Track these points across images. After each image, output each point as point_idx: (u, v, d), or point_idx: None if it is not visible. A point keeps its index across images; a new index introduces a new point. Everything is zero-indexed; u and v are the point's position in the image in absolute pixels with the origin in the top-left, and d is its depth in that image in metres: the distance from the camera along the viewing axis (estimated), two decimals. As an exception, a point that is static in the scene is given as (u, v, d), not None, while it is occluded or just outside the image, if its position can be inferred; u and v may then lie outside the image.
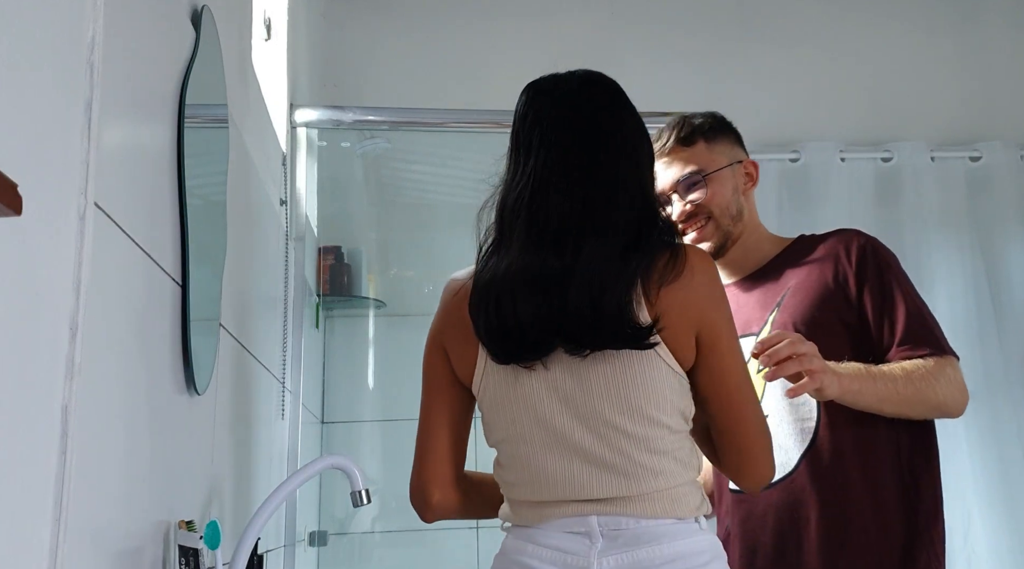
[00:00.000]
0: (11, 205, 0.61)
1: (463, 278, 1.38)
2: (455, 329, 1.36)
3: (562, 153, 1.31)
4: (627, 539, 1.24)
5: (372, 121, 2.86)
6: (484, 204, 1.38)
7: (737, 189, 1.74)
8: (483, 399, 1.35)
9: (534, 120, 1.36)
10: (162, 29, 1.20)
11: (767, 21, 3.47)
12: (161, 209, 1.17)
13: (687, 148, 1.73)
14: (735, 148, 1.78)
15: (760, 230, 1.79)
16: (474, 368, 1.34)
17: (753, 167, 1.79)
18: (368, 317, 3.15)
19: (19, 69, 0.74)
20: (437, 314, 1.41)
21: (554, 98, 1.38)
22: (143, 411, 1.10)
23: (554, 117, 1.34)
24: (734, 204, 1.72)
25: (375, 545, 3.04)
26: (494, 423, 1.34)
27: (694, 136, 1.74)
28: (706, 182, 1.70)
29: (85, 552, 0.90)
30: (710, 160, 1.72)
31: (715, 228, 1.71)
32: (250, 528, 1.37)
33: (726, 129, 1.80)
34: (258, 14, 2.09)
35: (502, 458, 1.36)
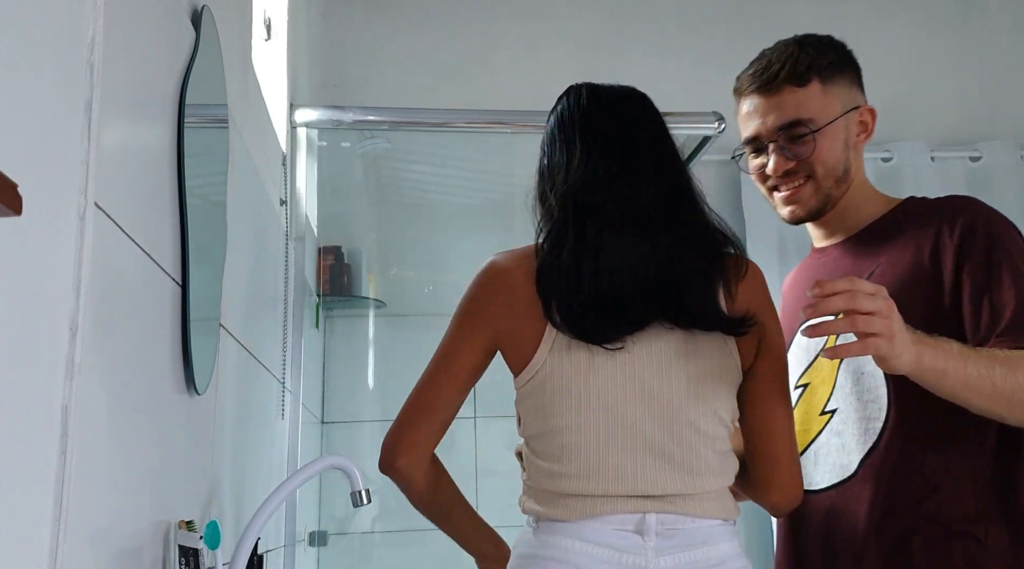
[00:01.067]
0: (11, 205, 0.61)
1: (510, 260, 1.35)
2: (516, 308, 1.30)
3: (634, 144, 1.34)
4: (682, 538, 1.24)
5: (372, 121, 2.86)
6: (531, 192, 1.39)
7: (848, 143, 1.44)
8: (541, 383, 1.28)
9: (599, 110, 1.37)
10: (162, 29, 1.20)
11: (767, 21, 3.46)
12: (161, 209, 1.16)
13: (798, 88, 1.42)
14: (853, 90, 1.47)
15: (865, 188, 1.50)
16: (535, 350, 1.28)
17: (870, 115, 1.48)
18: (368, 317, 3.15)
19: (19, 69, 0.74)
20: (485, 295, 1.34)
21: (614, 96, 1.41)
22: (143, 411, 1.10)
23: (621, 110, 1.38)
24: (842, 163, 1.44)
25: (375, 545, 3.04)
26: (553, 408, 1.27)
27: (809, 74, 1.42)
28: (815, 136, 1.41)
29: (85, 552, 0.90)
30: (823, 107, 1.42)
31: (814, 190, 1.44)
32: (250, 528, 1.37)
33: (847, 64, 1.48)
34: (258, 14, 2.09)
35: (550, 447, 1.28)
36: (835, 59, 1.46)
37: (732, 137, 3.07)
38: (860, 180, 1.48)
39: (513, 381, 1.34)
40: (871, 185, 1.52)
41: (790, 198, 1.46)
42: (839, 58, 1.47)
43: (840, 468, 1.37)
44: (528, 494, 1.32)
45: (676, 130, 2.78)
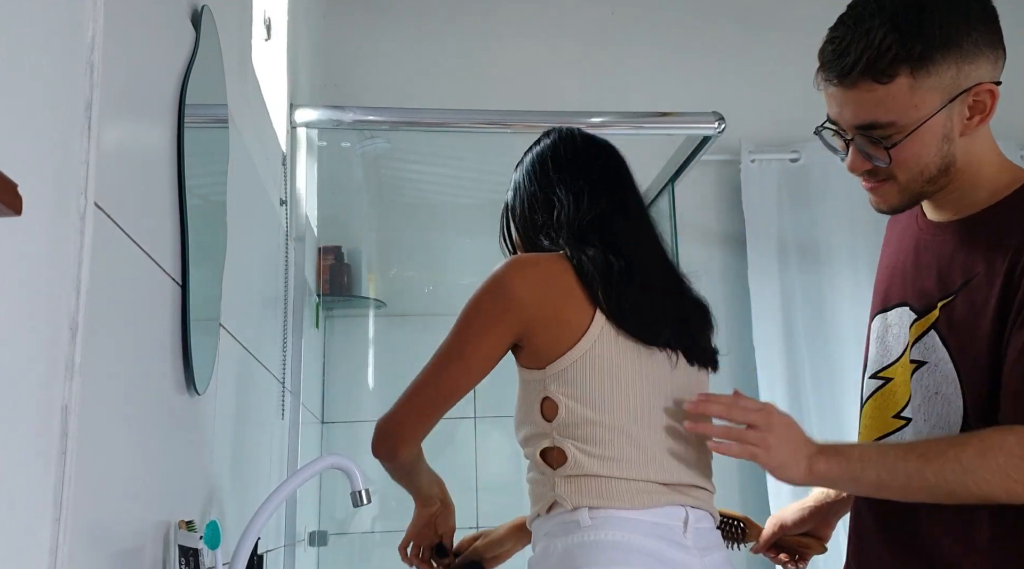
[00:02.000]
0: (11, 205, 0.61)
1: (537, 256, 1.40)
2: (551, 295, 1.34)
3: (635, 194, 1.50)
4: (707, 534, 1.33)
5: (372, 121, 2.86)
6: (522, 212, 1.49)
7: (950, 137, 1.19)
8: (592, 364, 1.31)
9: (598, 155, 1.50)
10: (162, 29, 1.20)
11: (767, 21, 3.47)
12: (161, 209, 1.17)
13: (879, 85, 1.16)
14: (966, 67, 1.17)
15: (984, 168, 1.24)
16: (580, 335, 1.31)
17: (989, 96, 1.19)
18: (368, 317, 3.15)
19: (19, 69, 0.74)
20: (514, 283, 1.35)
21: (609, 147, 1.53)
22: (143, 411, 1.10)
23: (618, 161, 1.51)
24: (937, 162, 1.20)
25: (375, 545, 3.04)
26: (604, 390, 1.30)
27: (896, 67, 1.15)
28: (897, 141, 1.18)
29: (85, 552, 0.90)
30: (911, 106, 1.16)
31: (897, 190, 1.24)
32: (250, 528, 1.37)
33: (962, 35, 1.15)
34: (258, 14, 2.09)
35: (596, 431, 1.30)
36: (939, 39, 1.14)
37: (732, 137, 3.08)
38: (978, 160, 1.23)
39: (533, 372, 1.34)
40: (998, 160, 1.26)
41: (872, 191, 1.27)
42: (946, 33, 1.15)
43: None
44: (568, 484, 1.30)
45: (676, 130, 2.81)
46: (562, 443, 1.31)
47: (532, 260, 1.39)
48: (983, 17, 1.19)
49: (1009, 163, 1.28)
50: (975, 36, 1.17)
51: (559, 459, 1.31)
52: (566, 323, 1.33)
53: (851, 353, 3.10)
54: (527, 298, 1.34)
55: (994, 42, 1.20)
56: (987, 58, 1.19)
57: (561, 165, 1.47)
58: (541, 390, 1.33)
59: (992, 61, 1.20)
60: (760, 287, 3.19)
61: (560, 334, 1.32)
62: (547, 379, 1.32)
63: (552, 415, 1.32)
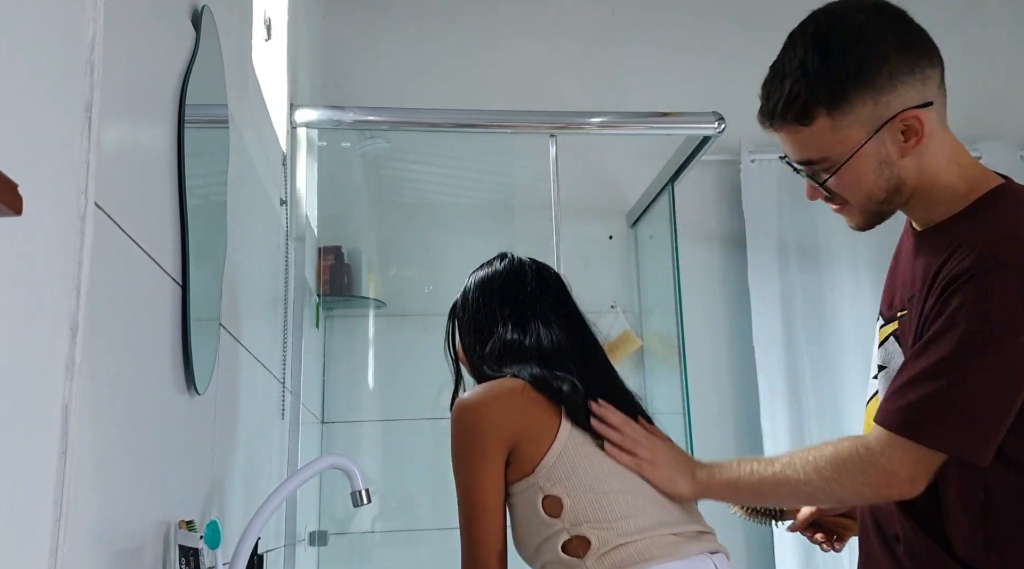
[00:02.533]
0: (11, 205, 0.61)
1: (485, 387, 1.46)
2: (520, 410, 1.41)
3: (579, 319, 1.60)
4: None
5: (372, 121, 2.86)
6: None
7: (888, 160, 1.22)
8: (579, 454, 1.39)
9: (547, 285, 1.60)
10: (162, 29, 1.20)
11: (767, 21, 3.46)
12: (161, 209, 1.17)
13: (802, 127, 1.22)
14: (884, 99, 1.19)
15: (940, 180, 1.25)
16: (554, 436, 1.39)
17: (916, 120, 1.20)
18: (368, 317, 3.15)
19: (19, 69, 0.74)
20: (485, 414, 1.42)
21: (552, 276, 1.64)
22: (143, 411, 1.10)
23: (560, 289, 1.62)
24: (882, 184, 1.23)
25: (375, 545, 3.04)
26: (602, 471, 1.38)
27: (813, 109, 1.20)
28: (836, 172, 1.24)
29: (85, 552, 0.90)
30: (836, 142, 1.21)
31: (857, 213, 1.29)
32: (250, 528, 1.37)
33: (871, 69, 1.19)
34: (258, 14, 2.09)
35: (605, 501, 1.36)
36: (849, 78, 1.19)
37: (732, 137, 3.08)
38: (934, 173, 1.24)
39: (522, 482, 1.38)
40: (957, 170, 1.26)
41: (839, 213, 1.32)
42: (856, 72, 1.19)
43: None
44: (603, 562, 1.32)
45: (676, 130, 2.81)
46: (579, 531, 1.34)
47: (484, 392, 1.45)
48: (897, 47, 1.21)
49: (968, 166, 1.28)
50: (889, 68, 1.20)
51: (584, 546, 1.34)
52: (542, 427, 1.40)
53: (851, 353, 3.10)
54: (500, 422, 1.40)
55: (914, 67, 1.22)
56: (908, 84, 1.21)
57: (508, 297, 1.56)
58: (537, 493, 1.37)
59: (917, 85, 1.22)
60: (760, 287, 3.19)
61: (539, 438, 1.39)
62: (539, 481, 1.37)
63: (557, 510, 1.36)
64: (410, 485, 3.07)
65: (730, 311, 3.26)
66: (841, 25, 1.23)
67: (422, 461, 3.08)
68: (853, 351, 3.10)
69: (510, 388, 1.43)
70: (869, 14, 1.23)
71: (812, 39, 1.23)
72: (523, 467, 1.38)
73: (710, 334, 3.25)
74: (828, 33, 1.22)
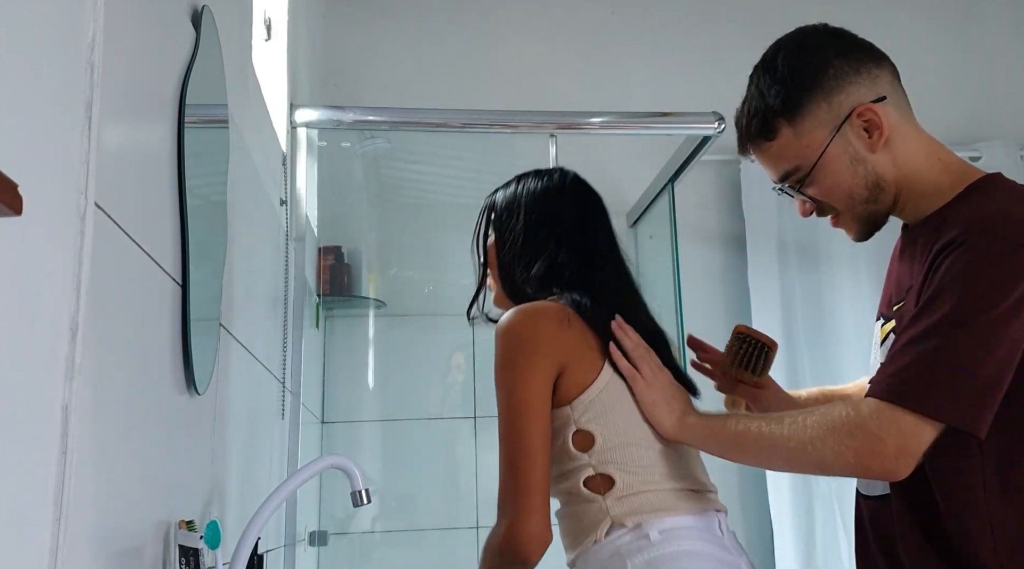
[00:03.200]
0: (11, 205, 0.61)
1: (537, 304, 1.40)
2: (570, 335, 1.37)
3: (613, 238, 1.56)
4: (734, 536, 1.39)
5: (372, 121, 2.86)
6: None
7: (857, 157, 1.28)
8: (620, 391, 1.37)
9: (593, 202, 1.56)
10: (162, 29, 1.20)
11: (767, 21, 3.46)
12: (161, 209, 1.17)
13: (770, 142, 1.32)
14: (835, 99, 1.28)
15: (921, 174, 1.29)
16: (598, 370, 1.37)
17: (871, 112, 1.27)
18: (368, 317, 3.15)
19: (19, 69, 0.74)
20: (538, 330, 1.36)
21: (596, 196, 1.59)
22: (143, 411, 1.10)
23: (603, 210, 1.58)
24: (862, 180, 1.29)
25: (375, 545, 3.04)
26: (618, 418, 1.36)
27: (774, 123, 1.31)
28: (811, 178, 1.30)
29: (85, 552, 0.90)
30: (803, 147, 1.29)
31: (850, 219, 1.34)
32: (250, 528, 1.37)
33: (809, 77, 1.29)
34: (258, 14, 2.09)
35: (632, 451, 1.34)
36: (797, 87, 1.28)
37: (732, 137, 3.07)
38: (913, 167, 1.29)
39: (558, 411, 1.35)
40: (936, 163, 1.29)
41: (836, 227, 1.37)
42: (802, 81, 1.28)
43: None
44: (624, 504, 1.31)
45: (676, 130, 2.81)
46: (605, 469, 1.33)
47: (539, 309, 1.40)
48: (838, 53, 1.31)
49: (950, 162, 1.31)
50: (833, 71, 1.29)
51: (606, 484, 1.33)
52: (589, 360, 1.37)
53: (851, 353, 3.10)
54: (552, 341, 1.36)
55: (859, 67, 1.30)
56: (856, 83, 1.29)
57: (567, 219, 1.50)
58: (570, 424, 1.35)
59: (865, 82, 1.29)
60: (760, 287, 3.19)
61: (587, 369, 1.36)
62: (575, 413, 1.35)
63: (587, 445, 1.35)
64: (410, 485, 3.07)
65: (730, 311, 3.26)
66: (784, 47, 1.35)
67: (422, 461, 3.08)
68: (853, 351, 3.10)
69: (564, 313, 1.38)
70: (808, 33, 1.36)
71: (762, 66, 1.35)
72: (565, 394, 1.35)
73: (710, 334, 3.23)
74: (774, 56, 1.35)
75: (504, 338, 1.36)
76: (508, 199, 1.53)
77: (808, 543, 2.97)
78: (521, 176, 1.57)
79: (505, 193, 1.55)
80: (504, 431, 1.32)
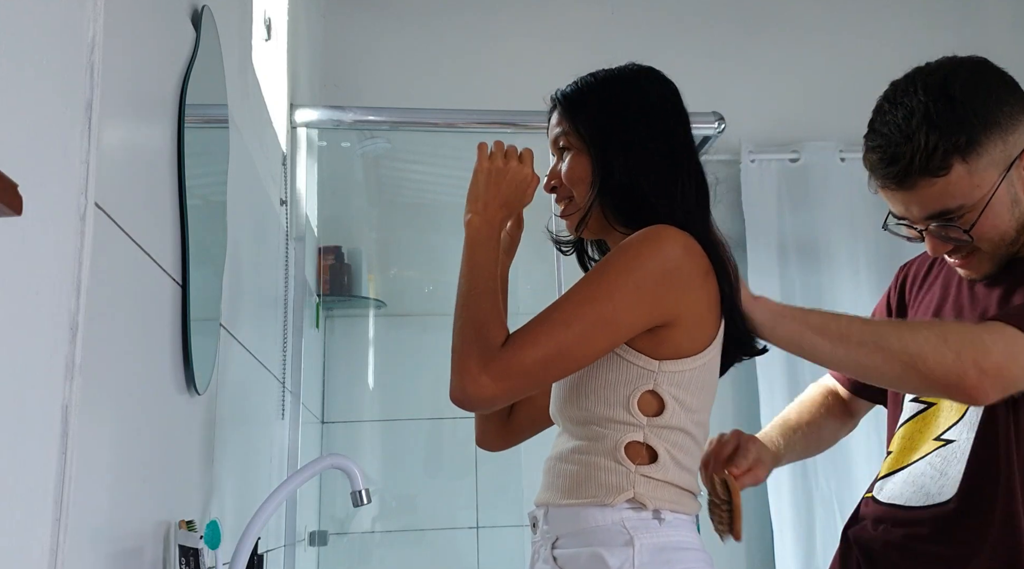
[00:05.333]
0: (11, 205, 0.61)
1: (695, 244, 1.23)
2: (705, 287, 1.22)
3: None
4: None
5: (372, 121, 2.86)
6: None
7: (1017, 198, 1.25)
8: (712, 371, 1.24)
9: (687, 125, 1.39)
10: (162, 29, 1.20)
11: (767, 21, 3.47)
12: (161, 209, 1.17)
13: (937, 179, 1.22)
14: (1010, 138, 1.23)
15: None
16: (712, 338, 1.23)
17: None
18: (368, 317, 3.15)
19: (19, 69, 0.74)
20: (681, 264, 1.20)
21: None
22: (143, 411, 1.10)
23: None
24: (1013, 224, 1.25)
25: (375, 545, 3.04)
26: (699, 403, 1.23)
27: (948, 160, 1.21)
28: (973, 218, 1.24)
29: (85, 552, 0.90)
30: (972, 187, 1.22)
31: (987, 258, 1.29)
32: (250, 528, 1.37)
33: (994, 112, 1.23)
34: (258, 14, 2.09)
35: (686, 442, 1.23)
36: (979, 122, 1.21)
37: (732, 137, 3.08)
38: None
39: (642, 358, 1.20)
40: None
41: (961, 266, 1.32)
42: (983, 116, 1.22)
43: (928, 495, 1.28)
44: (649, 486, 1.20)
45: (676, 130, 2.80)
46: (656, 443, 1.20)
47: (694, 246, 1.22)
48: (1008, 89, 1.26)
49: None
50: (1007, 109, 1.24)
51: (645, 457, 1.21)
52: (704, 323, 1.22)
53: (851, 353, 3.10)
54: (686, 284, 1.20)
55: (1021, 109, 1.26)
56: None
57: (670, 116, 1.35)
58: (647, 380, 1.20)
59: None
60: (760, 287, 3.14)
61: (695, 336, 1.22)
62: (659, 373, 1.20)
63: (651, 411, 1.21)
64: (410, 485, 3.07)
65: (730, 311, 3.26)
66: (955, 76, 1.26)
67: (422, 461, 3.08)
68: (853, 351, 3.10)
69: (707, 264, 1.22)
70: (979, 65, 1.29)
71: (931, 92, 1.24)
72: (661, 349, 1.19)
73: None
74: (945, 84, 1.25)
75: (645, 245, 1.19)
76: (628, 99, 1.33)
77: (808, 543, 2.97)
78: (616, 75, 1.38)
79: (612, 94, 1.35)
80: (569, 314, 1.16)
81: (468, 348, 1.16)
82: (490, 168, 1.35)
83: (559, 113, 1.37)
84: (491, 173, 1.35)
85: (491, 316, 1.20)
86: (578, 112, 1.34)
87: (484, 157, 1.35)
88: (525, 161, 1.35)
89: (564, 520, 1.23)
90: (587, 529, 1.20)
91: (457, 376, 1.15)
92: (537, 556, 1.27)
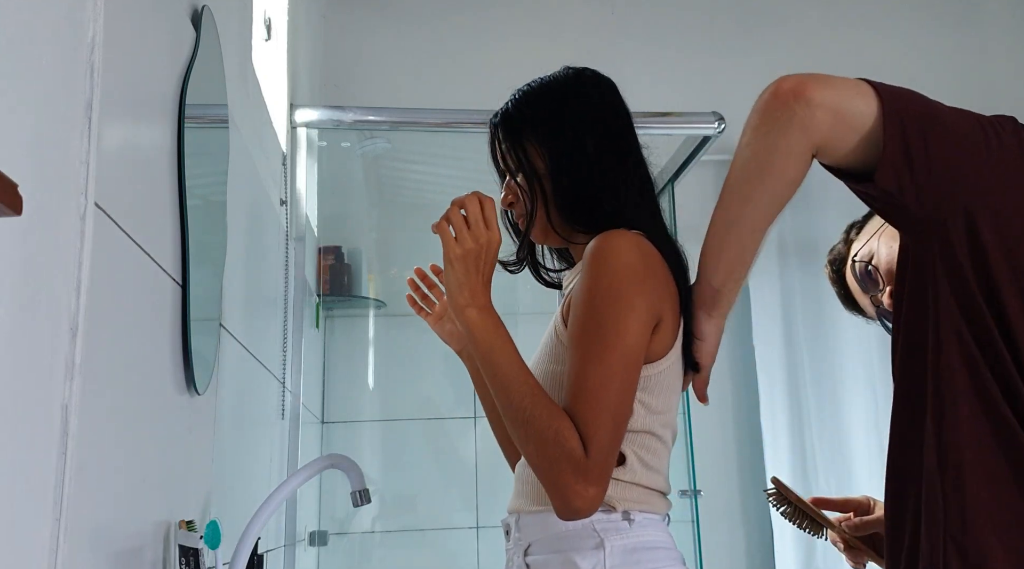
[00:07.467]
0: (11, 205, 0.61)
1: (647, 243, 1.24)
2: (670, 296, 1.23)
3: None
4: None
5: (372, 121, 2.86)
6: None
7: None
8: (677, 373, 1.25)
9: (629, 120, 1.42)
10: (162, 29, 1.20)
11: (767, 21, 3.47)
12: (161, 209, 1.17)
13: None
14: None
15: None
16: (675, 339, 1.23)
17: None
18: (368, 317, 3.15)
19: (19, 69, 0.74)
20: (652, 269, 1.21)
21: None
22: (143, 411, 1.10)
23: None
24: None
25: (375, 545, 3.04)
26: (664, 405, 1.24)
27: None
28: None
29: (85, 552, 0.90)
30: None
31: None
32: (250, 528, 1.37)
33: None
34: (258, 14, 2.09)
35: (654, 444, 1.23)
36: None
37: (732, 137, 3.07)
38: None
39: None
40: None
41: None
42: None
43: None
44: (618, 488, 1.21)
45: (676, 130, 2.81)
46: (623, 447, 1.20)
47: (646, 247, 1.23)
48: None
49: None
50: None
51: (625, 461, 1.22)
52: (669, 323, 1.22)
53: (851, 353, 3.10)
54: (660, 289, 1.21)
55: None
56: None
57: (609, 117, 1.37)
58: (643, 387, 1.21)
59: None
60: (760, 287, 3.19)
61: (668, 333, 1.22)
62: (647, 379, 1.22)
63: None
64: (410, 485, 3.07)
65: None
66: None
67: (422, 461, 3.08)
68: (853, 351, 3.10)
69: (660, 258, 1.23)
70: None
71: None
72: (651, 355, 1.21)
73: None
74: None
75: (611, 261, 1.18)
76: (563, 105, 1.35)
77: (808, 543, 2.97)
78: (550, 82, 1.40)
79: (548, 103, 1.36)
80: (593, 367, 1.13)
81: (557, 466, 1.11)
82: (463, 253, 1.23)
83: (501, 137, 1.38)
84: (466, 259, 1.23)
85: (551, 419, 1.13)
86: (518, 133, 1.35)
87: (452, 243, 1.23)
88: (490, 221, 1.24)
89: (534, 526, 1.25)
90: (557, 534, 1.21)
91: (559, 496, 1.10)
92: (511, 564, 1.28)
